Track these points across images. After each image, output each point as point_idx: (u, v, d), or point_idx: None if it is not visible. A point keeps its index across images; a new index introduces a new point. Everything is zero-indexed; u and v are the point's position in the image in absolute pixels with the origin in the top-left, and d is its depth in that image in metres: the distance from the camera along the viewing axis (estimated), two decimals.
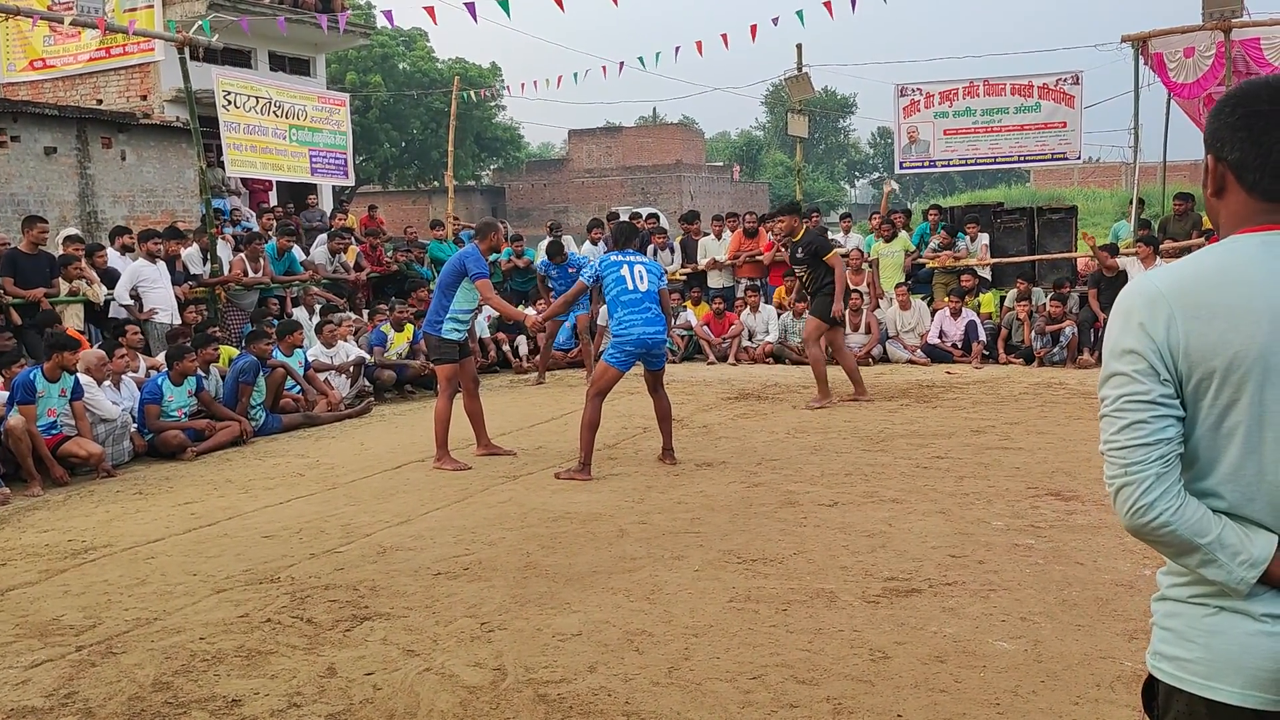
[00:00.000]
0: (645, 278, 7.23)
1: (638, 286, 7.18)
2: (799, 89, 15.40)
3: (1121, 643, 3.88)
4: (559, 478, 6.98)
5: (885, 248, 13.69)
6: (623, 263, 7.30)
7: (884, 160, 72.43)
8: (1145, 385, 1.64)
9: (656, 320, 7.19)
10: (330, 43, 22.23)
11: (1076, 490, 6.24)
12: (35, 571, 5.33)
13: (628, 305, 7.15)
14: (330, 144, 14.59)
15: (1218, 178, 1.74)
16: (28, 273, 9.76)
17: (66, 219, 14.07)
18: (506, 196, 53.16)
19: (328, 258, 13.34)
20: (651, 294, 7.21)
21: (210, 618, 4.49)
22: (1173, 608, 1.73)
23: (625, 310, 7.14)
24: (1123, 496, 1.67)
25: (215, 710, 3.56)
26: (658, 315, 7.22)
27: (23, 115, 14.07)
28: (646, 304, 7.17)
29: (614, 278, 7.23)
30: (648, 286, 7.21)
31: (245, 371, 9.14)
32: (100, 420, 8.05)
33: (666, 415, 7.49)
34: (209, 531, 6.03)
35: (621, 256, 7.38)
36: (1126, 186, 32.41)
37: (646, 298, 7.17)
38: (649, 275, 7.27)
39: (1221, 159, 1.72)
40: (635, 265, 7.30)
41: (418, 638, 4.16)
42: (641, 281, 7.21)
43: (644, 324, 7.12)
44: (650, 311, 7.16)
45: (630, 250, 7.52)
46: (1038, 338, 12.14)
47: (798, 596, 4.50)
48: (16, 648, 4.23)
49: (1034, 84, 14.87)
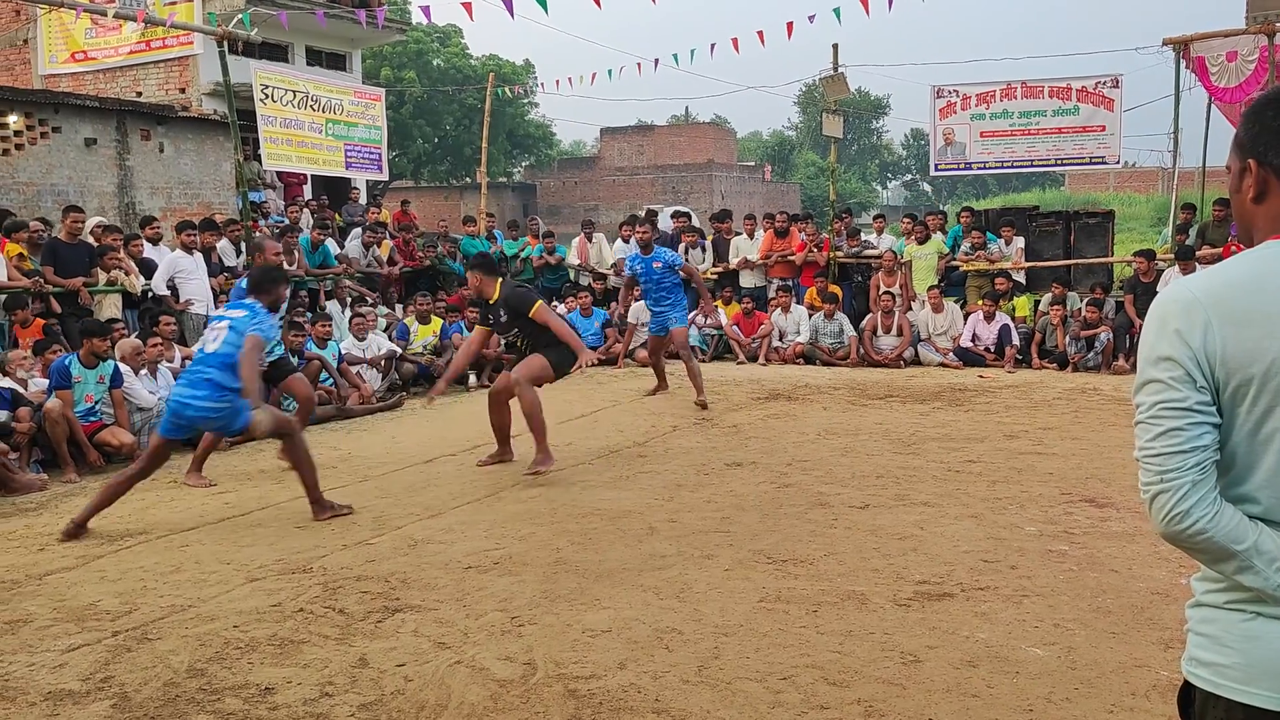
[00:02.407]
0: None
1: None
2: (834, 89, 15.30)
3: (1157, 651, 3.84)
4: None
5: (918, 250, 13.60)
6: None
7: (917, 162, 72.05)
8: (1181, 392, 1.63)
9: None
10: (367, 38, 22.38)
11: (1111, 497, 6.18)
12: (73, 557, 5.40)
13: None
14: (365, 139, 14.68)
15: (1259, 182, 1.70)
16: (68, 262, 9.89)
17: (105, 209, 14.23)
18: (538, 193, 53.32)
19: (361, 251, 13.44)
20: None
21: (244, 606, 4.53)
22: (1208, 614, 1.72)
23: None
24: (1158, 504, 1.65)
25: (248, 698, 3.60)
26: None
27: (64, 106, 14.24)
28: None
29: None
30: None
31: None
32: (137, 409, 8.15)
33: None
34: (242, 521, 6.09)
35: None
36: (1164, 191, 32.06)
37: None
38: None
39: (1266, 163, 1.69)
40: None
41: (449, 630, 4.18)
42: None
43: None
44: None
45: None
46: (1072, 342, 12.03)
47: (828, 598, 4.49)
48: (54, 631, 4.29)
49: (1072, 87, 14.72)
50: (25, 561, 5.34)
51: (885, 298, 12.93)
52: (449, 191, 46.66)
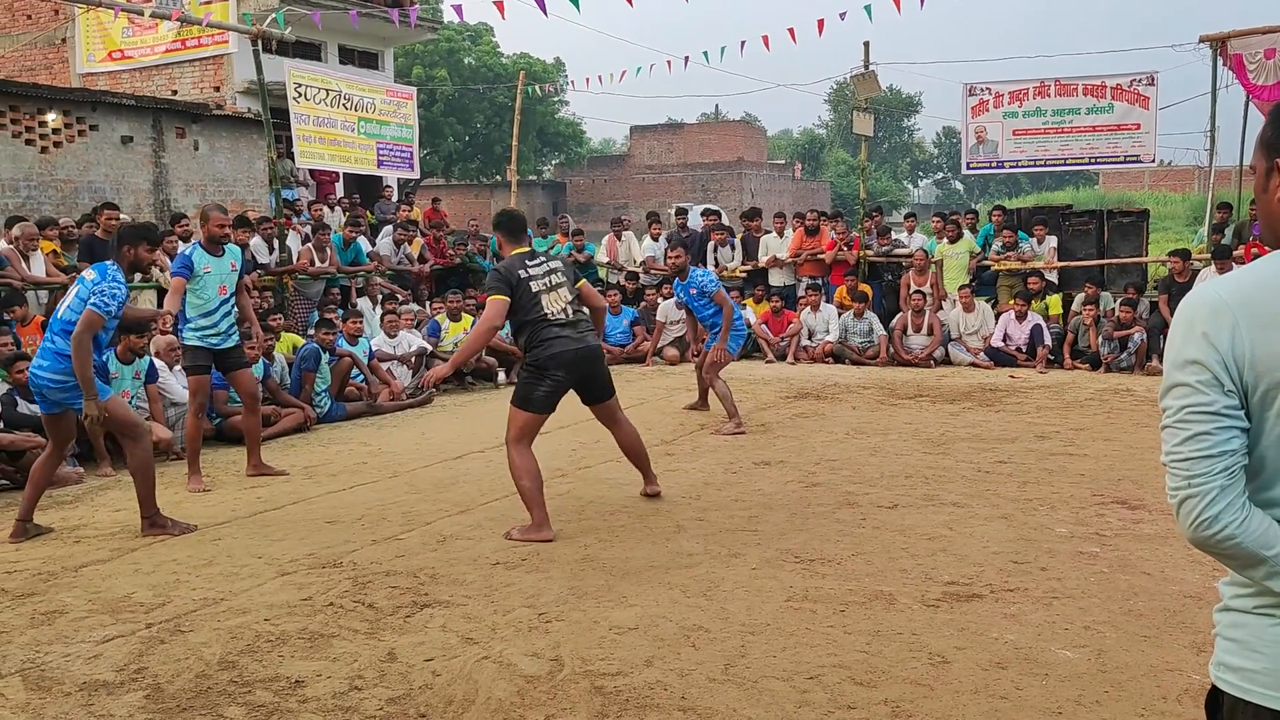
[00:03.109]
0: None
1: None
2: (866, 86, 15.21)
3: (1189, 655, 3.80)
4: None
5: (949, 249, 13.51)
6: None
7: (948, 160, 71.58)
8: (1209, 396, 1.61)
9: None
10: (399, 37, 22.50)
11: (1143, 499, 6.12)
12: (108, 549, 5.48)
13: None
14: (397, 137, 14.77)
15: None
16: (102, 258, 9.99)
17: (141, 207, 14.41)
18: (567, 191, 53.43)
19: (393, 249, 13.53)
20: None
21: (275, 599, 4.58)
22: (1237, 619, 1.70)
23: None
24: (1186, 509, 1.64)
25: (279, 690, 3.63)
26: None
27: (101, 105, 14.41)
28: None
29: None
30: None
31: (306, 359, 9.32)
32: (171, 404, 8.25)
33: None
34: (274, 515, 6.15)
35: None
36: (1199, 190, 31.63)
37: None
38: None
39: None
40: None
41: (476, 626, 4.21)
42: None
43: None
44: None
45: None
46: (1105, 343, 11.91)
47: (856, 598, 4.47)
48: (89, 623, 4.35)
49: (1107, 84, 14.56)
50: (61, 554, 5.42)
51: (916, 297, 12.85)
52: (479, 189, 46.87)
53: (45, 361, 5.61)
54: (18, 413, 7.27)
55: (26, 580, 4.96)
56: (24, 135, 13.31)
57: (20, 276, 9.22)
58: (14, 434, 7.03)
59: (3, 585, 4.89)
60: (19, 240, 9.43)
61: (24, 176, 13.27)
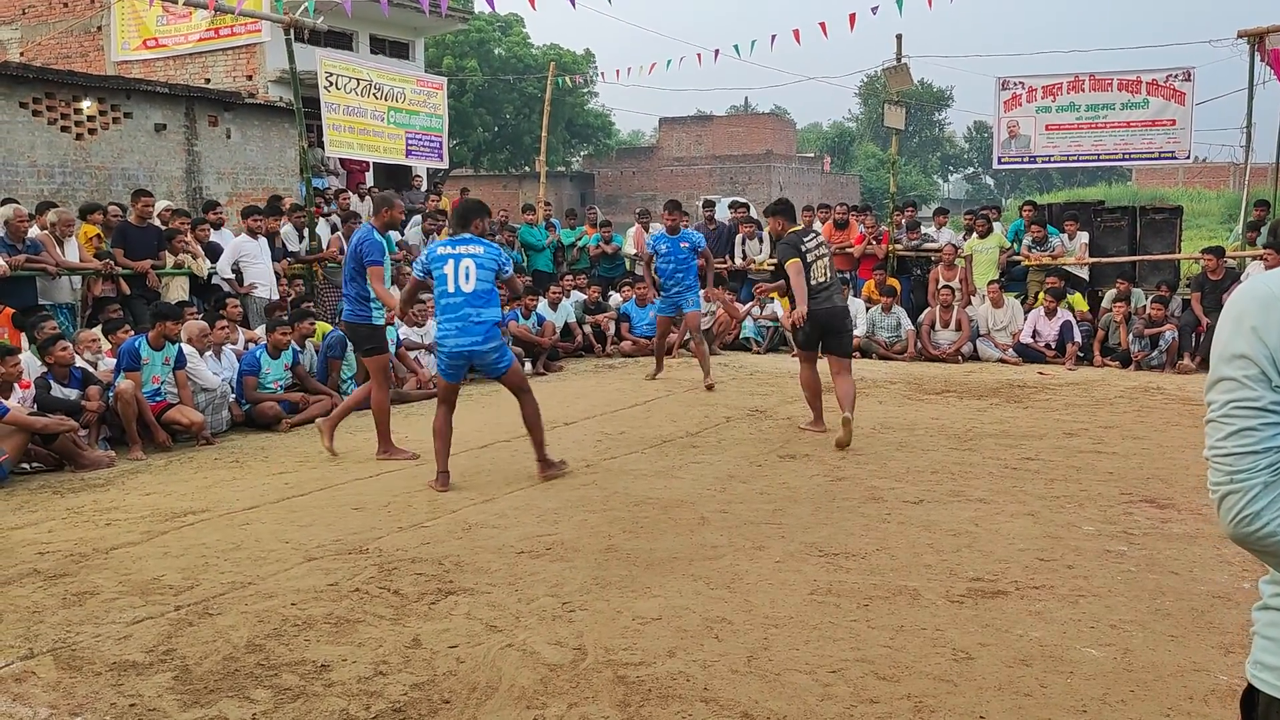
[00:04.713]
0: (472, 275, 6.28)
1: (460, 288, 6.28)
2: (898, 80, 15.11)
3: (1217, 655, 3.76)
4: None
5: (979, 244, 13.41)
6: (449, 256, 6.33)
7: (980, 155, 71.04)
8: (1255, 391, 1.59)
9: (474, 329, 6.31)
10: (430, 26, 22.58)
11: (1173, 498, 6.06)
12: (138, 532, 5.55)
13: (444, 310, 6.37)
14: (426, 127, 14.82)
15: None
16: (137, 245, 10.14)
17: (174, 194, 14.53)
18: (596, 183, 53.39)
19: (422, 239, 13.57)
20: (477, 294, 6.29)
21: (301, 584, 4.62)
22: (1275, 617, 1.68)
23: (442, 316, 6.40)
24: (1227, 504, 1.62)
25: (305, 674, 3.67)
26: (478, 323, 6.32)
27: (135, 93, 14.55)
28: (466, 309, 6.29)
29: (437, 275, 6.34)
30: (474, 286, 6.28)
31: (333, 347, 9.41)
32: (201, 389, 8.33)
33: (532, 423, 6.62)
34: (301, 501, 6.20)
35: (451, 248, 6.36)
36: (1234, 187, 31.23)
37: (468, 301, 6.28)
38: (478, 271, 6.30)
39: None
40: (463, 259, 6.30)
41: (500, 614, 4.23)
42: (466, 281, 6.27)
43: (458, 334, 6.32)
44: (468, 320, 6.29)
45: (466, 237, 6.42)
46: (1136, 340, 11.80)
47: (880, 592, 4.46)
48: (119, 604, 4.41)
49: (1142, 80, 14.41)
50: (93, 536, 5.50)
51: (944, 292, 12.78)
52: (508, 180, 46.93)
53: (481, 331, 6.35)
54: (52, 396, 7.37)
55: (59, 561, 5.03)
56: (59, 122, 13.46)
57: (55, 261, 9.33)
58: (48, 417, 7.12)
59: (36, 566, 4.96)
60: (55, 226, 9.55)
61: (59, 163, 13.43)
